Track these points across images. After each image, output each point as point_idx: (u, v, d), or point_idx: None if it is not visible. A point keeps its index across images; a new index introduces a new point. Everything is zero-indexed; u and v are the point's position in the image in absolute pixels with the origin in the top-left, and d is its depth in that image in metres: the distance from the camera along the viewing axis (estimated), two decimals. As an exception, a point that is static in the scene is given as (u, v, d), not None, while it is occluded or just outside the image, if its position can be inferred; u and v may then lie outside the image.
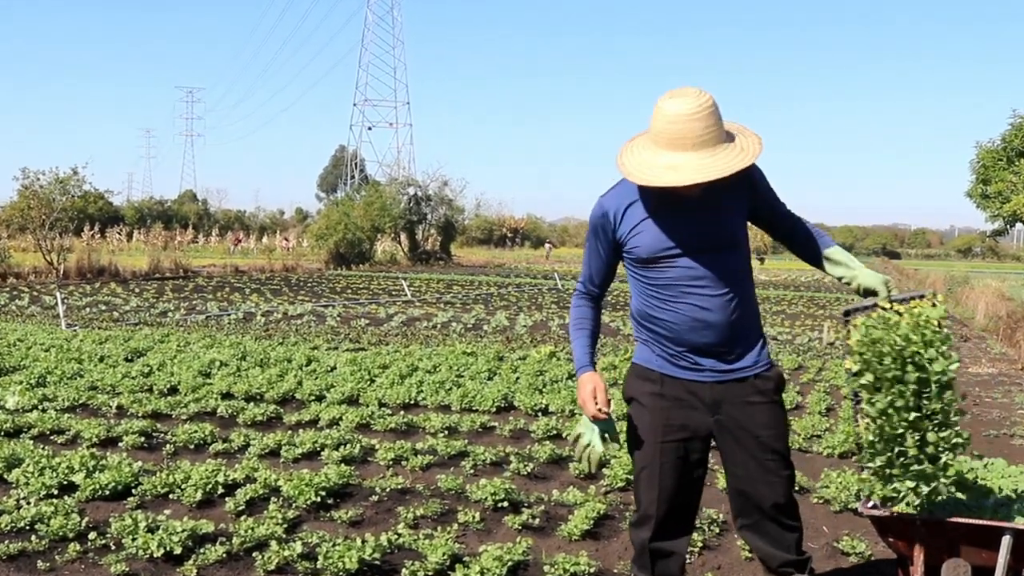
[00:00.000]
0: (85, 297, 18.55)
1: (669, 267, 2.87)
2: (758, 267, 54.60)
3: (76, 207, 30.50)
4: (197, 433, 6.13)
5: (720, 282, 2.86)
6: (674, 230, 2.85)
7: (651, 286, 2.93)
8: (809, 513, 5.08)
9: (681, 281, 2.85)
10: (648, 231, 2.87)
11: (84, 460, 5.18)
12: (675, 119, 2.71)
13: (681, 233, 2.85)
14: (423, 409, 7.51)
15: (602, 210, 2.96)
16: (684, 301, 2.87)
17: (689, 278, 2.85)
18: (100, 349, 9.86)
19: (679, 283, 2.86)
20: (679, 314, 2.88)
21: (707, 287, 2.85)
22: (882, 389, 2.68)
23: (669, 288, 2.88)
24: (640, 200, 2.90)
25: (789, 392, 8.53)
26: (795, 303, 23.51)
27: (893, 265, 60.44)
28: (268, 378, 8.27)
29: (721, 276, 2.86)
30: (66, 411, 7.00)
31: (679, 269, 2.86)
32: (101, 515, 4.59)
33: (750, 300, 2.98)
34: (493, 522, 4.69)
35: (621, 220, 2.92)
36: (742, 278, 2.94)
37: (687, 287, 2.86)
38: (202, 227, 68.04)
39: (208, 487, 4.93)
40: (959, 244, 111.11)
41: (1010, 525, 3.04)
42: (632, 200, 2.91)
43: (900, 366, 2.63)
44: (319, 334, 12.71)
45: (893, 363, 2.63)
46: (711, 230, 2.85)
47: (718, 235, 2.86)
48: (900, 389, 2.64)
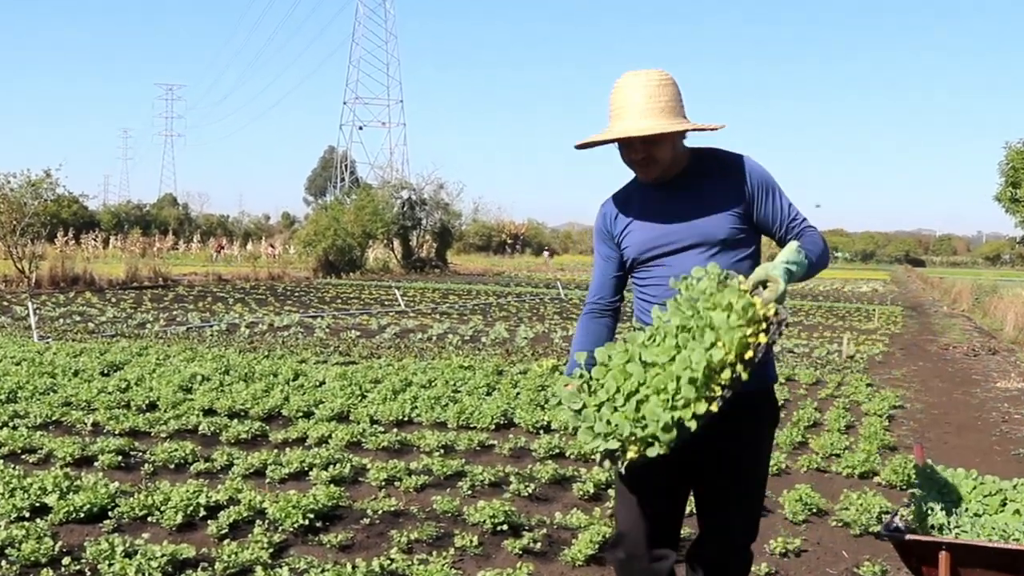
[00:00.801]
0: (58, 307, 18.56)
1: (658, 266, 2.93)
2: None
3: (49, 212, 30.52)
4: (177, 452, 6.13)
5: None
6: (662, 227, 2.92)
7: (642, 287, 3.00)
8: (828, 537, 5.09)
9: (665, 279, 2.86)
10: (637, 229, 2.96)
11: (57, 481, 5.18)
12: (620, 90, 2.85)
13: (669, 230, 2.91)
14: (418, 426, 7.51)
15: (601, 214, 3.10)
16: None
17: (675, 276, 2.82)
18: (74, 363, 9.87)
19: (666, 283, 2.86)
20: None
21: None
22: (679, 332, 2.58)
23: (658, 289, 2.92)
24: (633, 201, 3.00)
25: (807, 408, 8.54)
26: (813, 314, 23.52)
27: (917, 273, 60.49)
28: (253, 393, 8.28)
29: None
30: (38, 428, 7.00)
31: (668, 268, 2.90)
32: (75, 539, 4.59)
33: None
34: (492, 546, 4.69)
35: (615, 221, 3.03)
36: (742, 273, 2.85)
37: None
38: (183, 233, 68.09)
39: (189, 509, 4.93)
40: (987, 251, 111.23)
41: (1041, 549, 3.03)
42: (626, 201, 3.02)
43: (690, 322, 2.56)
44: (307, 347, 12.71)
45: (689, 316, 2.57)
46: (699, 227, 2.88)
47: (707, 232, 2.88)
48: (684, 337, 2.54)
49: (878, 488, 6.04)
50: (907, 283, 48.80)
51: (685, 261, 2.87)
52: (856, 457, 6.57)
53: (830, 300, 30.22)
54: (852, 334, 16.83)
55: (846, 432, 7.80)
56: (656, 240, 2.92)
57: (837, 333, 17.50)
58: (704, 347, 2.47)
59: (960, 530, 3.26)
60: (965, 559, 3.16)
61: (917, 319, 23.01)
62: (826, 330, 18.56)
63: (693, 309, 2.58)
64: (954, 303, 29.01)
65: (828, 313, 23.98)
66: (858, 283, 45.98)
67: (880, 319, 21.54)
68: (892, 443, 7.44)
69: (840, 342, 14.94)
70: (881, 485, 6.16)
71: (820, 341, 15.91)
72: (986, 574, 3.14)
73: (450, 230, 48.47)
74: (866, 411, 8.85)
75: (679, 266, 2.87)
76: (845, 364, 12.72)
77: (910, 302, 30.53)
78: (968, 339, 17.55)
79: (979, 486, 3.38)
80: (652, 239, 2.93)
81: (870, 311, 24.10)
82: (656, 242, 2.92)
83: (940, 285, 38.61)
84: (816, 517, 5.41)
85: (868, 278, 54.75)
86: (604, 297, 3.13)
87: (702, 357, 2.44)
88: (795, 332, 17.74)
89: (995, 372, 12.60)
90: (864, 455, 6.62)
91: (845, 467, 6.46)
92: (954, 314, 25.20)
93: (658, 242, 2.92)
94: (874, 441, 7.22)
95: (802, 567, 4.60)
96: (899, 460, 6.40)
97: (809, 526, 5.25)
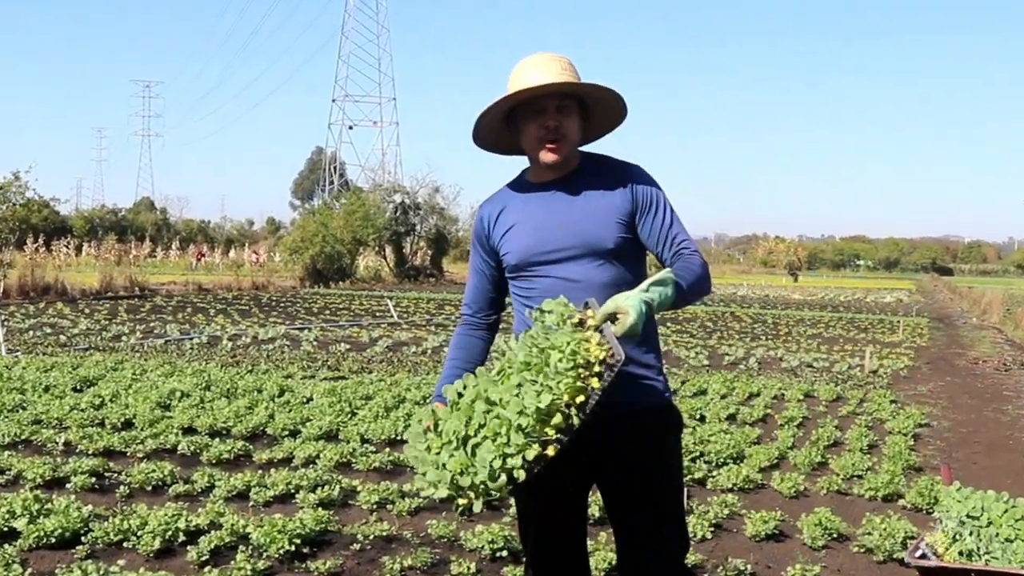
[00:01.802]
0: (28, 319, 18.57)
1: (540, 276, 2.89)
2: (791, 285, 54.65)
3: (18, 217, 30.57)
4: (155, 473, 6.13)
5: (596, 294, 2.75)
6: (544, 234, 2.88)
7: (523, 298, 2.96)
8: (850, 564, 5.09)
9: (552, 293, 2.77)
10: (518, 235, 2.92)
11: (27, 503, 5.18)
12: (528, 60, 2.90)
13: (553, 237, 2.87)
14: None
15: (479, 217, 3.06)
16: None
17: (561, 290, 2.79)
18: (45, 378, 9.87)
19: (550, 293, 2.78)
20: None
21: (580, 297, 2.72)
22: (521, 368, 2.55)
23: (536, 301, 2.80)
24: (514, 204, 2.97)
25: (827, 426, 8.54)
26: (833, 325, 23.54)
27: (944, 282, 60.54)
28: (235, 411, 8.28)
29: (596, 285, 2.82)
30: (6, 448, 7.00)
31: (550, 280, 2.87)
32: (46, 566, 4.60)
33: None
34: (491, 574, 4.70)
35: (495, 225, 2.99)
36: (621, 287, 2.78)
37: (556, 296, 2.76)
38: (161, 239, 68.12)
39: (168, 534, 4.93)
40: (1019, 259, 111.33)
41: (1076, 577, 3.04)
42: (505, 204, 3.00)
43: (531, 358, 2.51)
44: (293, 361, 12.72)
45: (529, 353, 2.53)
46: (586, 234, 2.85)
47: (594, 241, 2.85)
48: (525, 375, 2.49)
49: (903, 512, 6.04)
50: (934, 293, 48.83)
51: (570, 270, 2.85)
52: (879, 479, 6.58)
53: (852, 311, 30.25)
54: (875, 347, 16.84)
55: (869, 452, 7.80)
56: (539, 247, 2.88)
57: (859, 346, 17.51)
58: (536, 390, 2.43)
59: (991, 556, 3.26)
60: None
61: (944, 331, 23.02)
62: (847, 343, 18.57)
63: (537, 346, 2.53)
64: (984, 314, 29.02)
65: (849, 325, 23.99)
66: (881, 293, 46.04)
67: (905, 331, 21.55)
68: (918, 464, 7.44)
69: (862, 356, 14.95)
70: (906, 508, 6.16)
71: (841, 355, 15.92)
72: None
73: (446, 236, 48.45)
74: (890, 429, 8.86)
75: (564, 277, 2.85)
76: (867, 379, 12.72)
77: (937, 313, 30.55)
78: (999, 352, 17.56)
79: (1011, 509, 3.38)
80: (534, 245, 2.88)
81: (894, 323, 24.11)
82: (538, 248, 2.88)
83: (969, 295, 38.63)
84: (836, 542, 5.41)
85: (892, 287, 54.79)
86: (480, 311, 3.10)
87: (533, 401, 2.41)
88: (814, 345, 17.76)
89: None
90: (888, 476, 6.62)
91: (868, 489, 6.46)
92: (984, 326, 25.22)
93: (541, 248, 2.88)
94: (898, 461, 7.22)
95: (822, 596, 4.60)
96: (925, 482, 6.41)
97: (829, 552, 5.25)
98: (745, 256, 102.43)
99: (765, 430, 8.64)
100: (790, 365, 14.13)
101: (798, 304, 33.65)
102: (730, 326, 21.89)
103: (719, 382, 11.23)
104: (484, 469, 2.40)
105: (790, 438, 8.04)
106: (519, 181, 3.04)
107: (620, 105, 2.91)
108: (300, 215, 66.99)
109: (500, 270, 3.03)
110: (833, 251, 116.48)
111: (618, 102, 2.90)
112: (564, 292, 2.75)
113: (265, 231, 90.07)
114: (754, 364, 14.10)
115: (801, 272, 61.40)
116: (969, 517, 3.38)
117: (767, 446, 7.58)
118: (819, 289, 49.84)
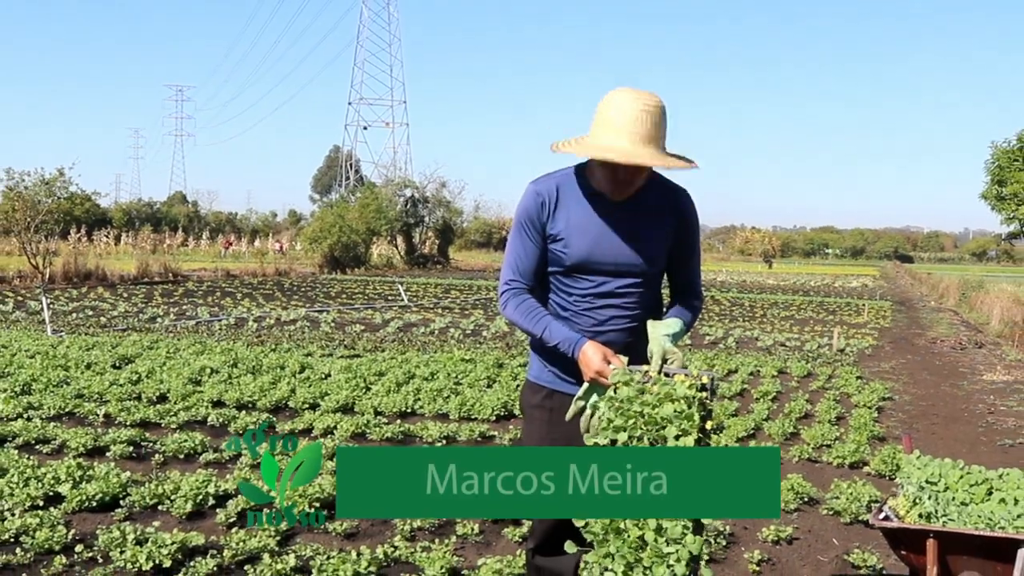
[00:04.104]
0: (71, 302, 18.55)
1: (585, 280, 2.87)
2: (766, 271, 54.64)
3: (62, 209, 30.48)
4: (187, 442, 6.13)
5: (627, 304, 2.87)
6: (605, 244, 2.84)
7: (560, 291, 2.92)
8: (819, 525, 5.09)
9: (591, 294, 2.86)
10: (580, 236, 2.84)
11: (70, 470, 5.18)
12: (618, 110, 2.69)
13: (610, 249, 2.84)
14: (420, 418, 7.51)
15: (534, 193, 2.88)
16: (588, 314, 2.87)
17: (600, 294, 2.86)
18: (87, 356, 9.87)
19: (588, 295, 2.86)
20: (579, 326, 2.87)
21: (613, 306, 2.86)
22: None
23: (577, 297, 2.88)
24: (572, 198, 2.86)
25: (798, 400, 8.54)
26: (804, 308, 23.51)
27: (905, 269, 60.48)
28: (260, 386, 8.27)
29: (629, 299, 2.88)
30: (52, 420, 7.00)
31: (589, 283, 2.86)
32: (88, 527, 4.60)
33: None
34: (492, 535, 4.69)
35: (554, 211, 2.86)
36: (649, 306, 2.93)
37: (595, 300, 2.86)
38: (192, 230, 68.02)
39: (199, 498, 4.93)
40: (973, 247, 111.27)
41: (1026, 537, 3.03)
42: (564, 194, 2.87)
43: (633, 436, 2.50)
44: (313, 340, 12.71)
45: (627, 429, 2.51)
46: (639, 256, 2.85)
47: (645, 264, 2.86)
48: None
49: (867, 478, 6.04)
50: (896, 279, 48.76)
51: (616, 283, 2.86)
52: (846, 448, 6.57)
53: (821, 295, 30.20)
54: (842, 328, 16.84)
55: (836, 423, 7.80)
56: (596, 255, 2.84)
57: (828, 327, 17.50)
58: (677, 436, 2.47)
59: (947, 518, 3.26)
60: (952, 546, 3.16)
61: (905, 314, 23.00)
62: (817, 324, 18.56)
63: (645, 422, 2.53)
64: (941, 298, 29.01)
65: (819, 308, 23.97)
66: (848, 278, 45.99)
67: (870, 313, 21.53)
68: (881, 434, 7.44)
69: (831, 336, 14.94)
70: (870, 475, 6.16)
71: (811, 335, 15.90)
72: (972, 561, 3.14)
73: (452, 227, 48.42)
74: (856, 403, 8.85)
75: (603, 283, 2.85)
76: (836, 357, 12.71)
77: (899, 297, 30.51)
78: (955, 333, 17.55)
79: (966, 476, 3.38)
80: (595, 252, 2.83)
81: (860, 306, 24.08)
82: (598, 256, 2.84)
83: (928, 281, 38.62)
84: (807, 506, 5.41)
85: (858, 273, 54.72)
86: (529, 281, 2.92)
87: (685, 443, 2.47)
88: (787, 326, 17.74)
89: (981, 365, 12.60)
90: (854, 446, 6.61)
91: (836, 457, 6.46)
92: (941, 309, 25.19)
93: (600, 257, 2.84)
94: (864, 432, 7.22)
95: (794, 554, 4.60)
96: (888, 450, 6.41)
97: (801, 514, 5.25)
98: (724, 245, 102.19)
99: (742, 403, 8.63)
100: (765, 344, 14.12)
101: (772, 289, 33.60)
102: (710, 309, 21.86)
103: (700, 360, 11.22)
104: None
105: (765, 411, 8.03)
106: (581, 177, 2.87)
107: (691, 165, 2.80)
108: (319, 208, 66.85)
109: (546, 249, 2.89)
110: (804, 240, 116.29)
111: (690, 164, 2.78)
112: (596, 298, 2.85)
113: (287, 222, 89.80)
114: (732, 343, 14.08)
115: (775, 259, 61.31)
116: (928, 483, 3.38)
117: (744, 418, 7.58)
118: (791, 275, 49.78)
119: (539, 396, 2.98)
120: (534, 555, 3.04)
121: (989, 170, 19.11)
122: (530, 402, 3.01)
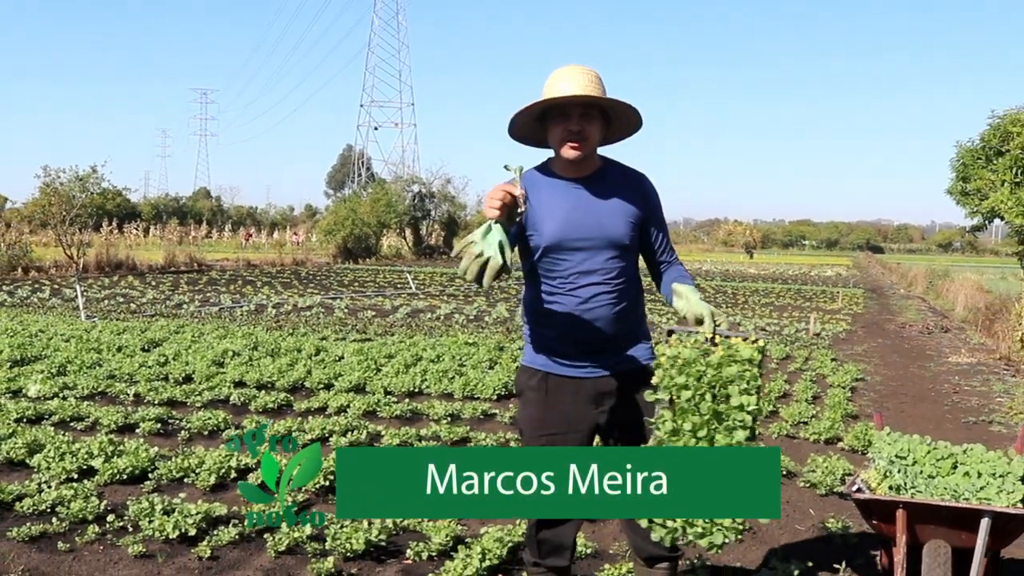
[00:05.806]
0: (104, 290, 18.53)
1: (563, 260, 2.85)
2: (747, 261, 54.58)
3: (95, 204, 30.45)
4: (211, 420, 6.13)
5: (608, 280, 2.85)
6: (574, 222, 2.83)
7: (544, 277, 2.91)
8: (797, 496, 5.09)
9: (572, 273, 2.84)
10: (549, 218, 2.84)
11: (103, 446, 5.18)
12: (561, 71, 2.81)
13: (580, 226, 2.83)
14: (427, 397, 7.51)
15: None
16: (573, 294, 2.85)
17: (580, 272, 2.84)
18: (118, 340, 9.86)
19: (570, 275, 2.85)
20: (566, 307, 2.86)
21: (595, 283, 2.84)
22: (675, 411, 2.47)
23: (560, 279, 2.86)
24: (541, 187, 2.87)
25: (777, 380, 8.53)
26: (783, 295, 23.49)
27: (876, 259, 60.40)
28: (279, 367, 8.27)
29: (609, 274, 2.86)
30: (85, 399, 7.00)
31: (571, 263, 2.85)
32: (119, 498, 4.60)
33: (636, 302, 2.96)
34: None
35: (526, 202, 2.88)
36: (630, 280, 2.91)
37: (577, 279, 2.84)
38: (215, 223, 67.89)
39: (221, 471, 4.93)
40: (940, 239, 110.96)
41: (988, 508, 3.04)
42: (530, 188, 2.85)
43: (698, 393, 2.44)
44: (327, 325, 12.70)
45: (692, 387, 2.45)
46: (609, 230, 2.84)
47: (616, 237, 2.85)
48: (694, 421, 2.42)
49: (842, 452, 6.04)
50: (868, 268, 48.71)
51: (593, 259, 2.84)
52: (822, 424, 6.57)
53: (798, 283, 30.16)
54: (818, 314, 16.83)
55: (813, 402, 7.79)
56: (568, 233, 2.83)
57: (804, 313, 17.48)
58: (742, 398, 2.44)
59: (915, 490, 3.26)
60: (920, 516, 3.16)
61: (877, 300, 22.98)
62: (795, 310, 18.54)
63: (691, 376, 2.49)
64: (910, 286, 28.97)
65: (796, 295, 23.94)
66: (823, 268, 45.93)
67: (843, 300, 21.51)
68: (854, 412, 7.43)
69: (807, 321, 14.93)
70: (844, 450, 6.16)
71: (789, 320, 15.89)
72: (938, 529, 3.15)
73: (457, 220, 48.28)
74: (831, 383, 8.85)
75: (583, 260, 2.84)
76: (812, 341, 12.70)
77: (870, 285, 30.49)
78: (923, 319, 17.53)
79: (932, 451, 3.38)
80: (566, 231, 2.83)
81: (834, 293, 24.06)
82: (569, 234, 2.83)
83: (897, 270, 38.56)
84: (786, 479, 5.41)
85: (832, 263, 54.66)
86: None
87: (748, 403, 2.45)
88: (766, 312, 17.73)
89: (947, 348, 12.59)
90: (829, 423, 6.61)
91: (812, 433, 6.46)
92: (910, 296, 25.17)
93: (571, 235, 2.83)
94: (838, 410, 7.22)
95: (773, 523, 4.60)
96: (860, 427, 6.40)
97: (780, 487, 5.24)
98: (708, 237, 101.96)
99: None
100: (747, 329, 14.11)
101: (753, 277, 33.57)
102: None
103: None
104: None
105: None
106: (545, 168, 2.93)
107: (637, 117, 2.85)
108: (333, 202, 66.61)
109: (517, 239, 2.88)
110: (783, 232, 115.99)
111: (635, 115, 2.84)
112: (580, 276, 2.83)
113: (304, 216, 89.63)
114: (716, 328, 14.04)
115: (756, 250, 61.12)
116: (898, 457, 3.38)
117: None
118: (771, 265, 49.70)
119: (535, 379, 2.96)
120: (536, 531, 3.03)
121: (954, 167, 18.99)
122: (526, 384, 3.00)
